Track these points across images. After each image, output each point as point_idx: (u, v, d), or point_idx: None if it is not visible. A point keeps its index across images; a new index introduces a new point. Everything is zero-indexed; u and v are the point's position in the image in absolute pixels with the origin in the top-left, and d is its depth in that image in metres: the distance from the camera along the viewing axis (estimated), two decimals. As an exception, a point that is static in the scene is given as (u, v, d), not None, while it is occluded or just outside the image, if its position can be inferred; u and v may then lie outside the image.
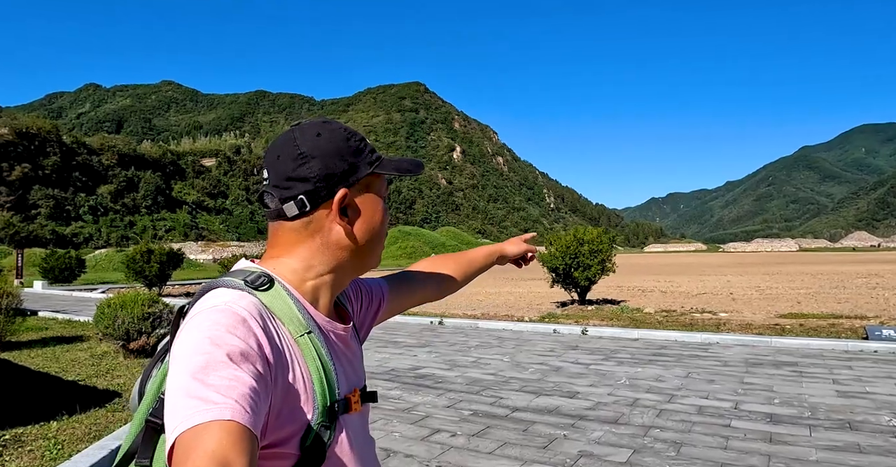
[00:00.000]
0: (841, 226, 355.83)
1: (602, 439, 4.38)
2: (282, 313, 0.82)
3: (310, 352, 0.82)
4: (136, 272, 21.12)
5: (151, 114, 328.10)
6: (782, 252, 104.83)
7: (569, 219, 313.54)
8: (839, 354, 7.77)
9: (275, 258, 0.89)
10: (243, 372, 0.69)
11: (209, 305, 0.77)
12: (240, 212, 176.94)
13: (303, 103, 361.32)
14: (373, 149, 0.93)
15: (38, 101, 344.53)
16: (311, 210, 0.87)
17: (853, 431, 4.47)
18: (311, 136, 0.88)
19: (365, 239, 0.91)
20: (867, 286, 20.72)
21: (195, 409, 0.64)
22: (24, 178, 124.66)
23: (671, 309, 13.79)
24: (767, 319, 11.75)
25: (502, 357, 7.90)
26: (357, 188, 0.89)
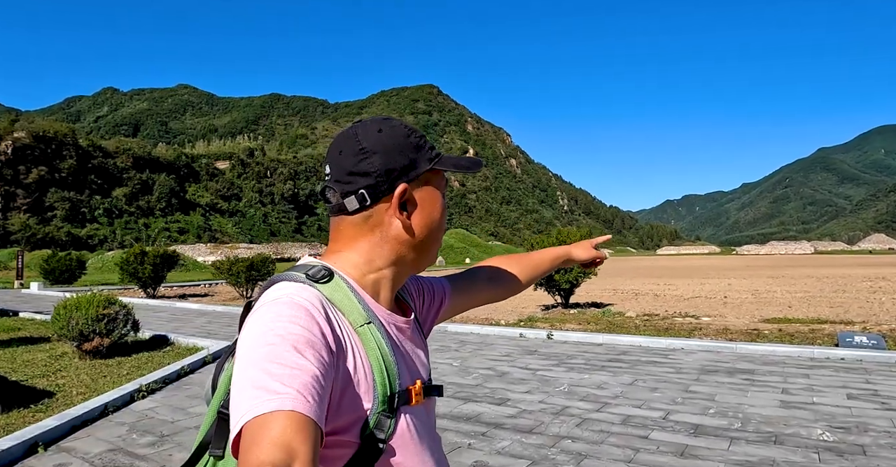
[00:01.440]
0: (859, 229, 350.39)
1: (506, 449, 4.18)
2: (342, 304, 0.83)
3: (370, 342, 0.82)
4: (130, 274, 21.12)
5: (168, 117, 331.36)
6: (796, 255, 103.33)
7: (582, 221, 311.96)
8: (803, 362, 7.49)
9: (336, 252, 0.92)
10: (307, 360, 0.70)
11: (271, 298, 0.79)
12: (253, 214, 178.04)
13: (317, 106, 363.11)
14: (432, 145, 0.93)
15: (57, 105, 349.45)
16: (372, 204, 0.89)
17: (776, 445, 4.23)
18: (372, 132, 0.90)
19: (423, 233, 0.91)
20: (868, 290, 20.25)
21: (259, 399, 0.65)
22: (41, 181, 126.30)
23: (654, 313, 13.50)
24: (748, 324, 11.45)
25: (453, 361, 7.71)
26: (417, 183, 0.90)
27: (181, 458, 4.25)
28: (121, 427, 5.10)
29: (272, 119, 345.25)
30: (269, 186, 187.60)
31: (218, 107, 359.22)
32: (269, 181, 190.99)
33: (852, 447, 4.18)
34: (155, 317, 13.95)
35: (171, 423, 5.18)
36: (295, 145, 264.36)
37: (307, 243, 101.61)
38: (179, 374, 7.17)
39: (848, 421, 4.82)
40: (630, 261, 79.74)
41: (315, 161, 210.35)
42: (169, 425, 5.11)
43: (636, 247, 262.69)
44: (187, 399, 6.07)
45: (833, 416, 4.97)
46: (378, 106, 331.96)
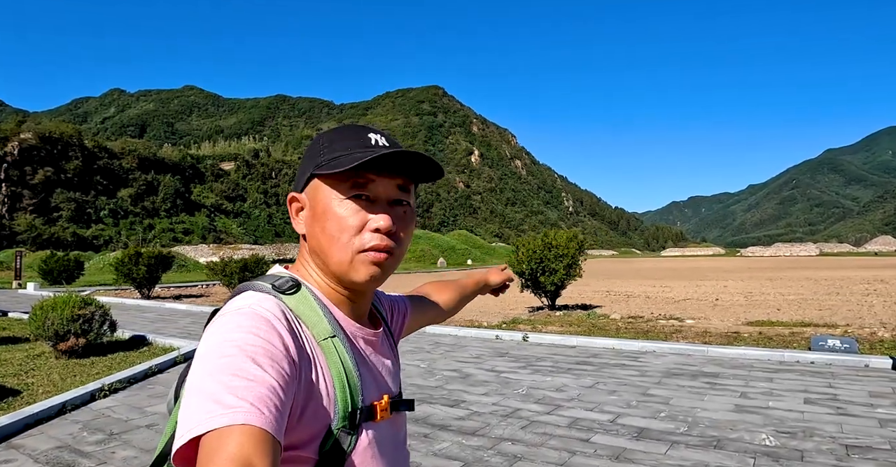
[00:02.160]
0: (867, 230, 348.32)
1: (442, 451, 4.19)
2: (306, 316, 0.82)
3: (332, 356, 0.80)
4: (125, 274, 21.21)
5: (174, 118, 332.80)
6: (800, 257, 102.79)
7: (587, 222, 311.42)
8: (771, 365, 7.45)
9: (298, 262, 0.92)
10: (264, 372, 0.68)
11: (234, 308, 0.77)
12: (258, 215, 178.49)
13: (322, 107, 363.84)
14: (340, 149, 0.85)
15: (64, 107, 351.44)
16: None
17: (714, 450, 4.22)
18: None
19: (311, 242, 0.88)
20: (862, 293, 20.13)
21: (212, 413, 0.63)
22: (47, 182, 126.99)
23: (640, 315, 13.47)
24: (730, 327, 11.40)
25: (421, 363, 7.71)
26: (307, 191, 0.88)
27: (123, 456, 4.29)
28: (74, 425, 5.14)
29: (278, 120, 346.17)
30: (274, 187, 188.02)
31: (224, 108, 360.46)
32: (274, 182, 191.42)
33: (792, 452, 4.16)
34: (141, 317, 14.00)
35: (125, 422, 5.22)
36: (300, 146, 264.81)
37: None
38: (146, 374, 7.21)
39: (796, 427, 4.80)
40: (632, 262, 79.57)
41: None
42: (122, 424, 5.15)
43: (641, 249, 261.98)
44: (148, 398, 6.10)
45: (783, 421, 4.95)
46: (383, 107, 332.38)
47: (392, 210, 0.86)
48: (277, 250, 75.21)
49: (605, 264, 69.67)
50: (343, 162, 0.82)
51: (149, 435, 4.80)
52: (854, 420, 4.98)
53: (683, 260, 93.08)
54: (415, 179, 0.89)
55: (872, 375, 6.81)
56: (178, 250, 63.87)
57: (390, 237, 0.85)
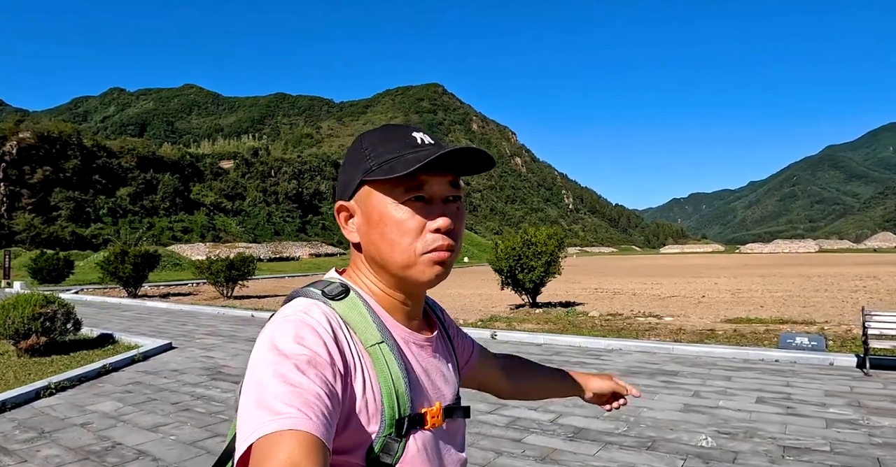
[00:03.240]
0: (867, 227, 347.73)
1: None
2: (355, 323, 0.82)
3: (380, 363, 0.80)
4: (111, 273, 21.11)
5: (174, 117, 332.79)
6: (799, 253, 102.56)
7: (587, 219, 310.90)
8: (735, 363, 7.35)
9: (349, 268, 0.92)
10: (309, 379, 0.69)
11: (282, 315, 0.79)
12: (257, 214, 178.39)
13: (322, 105, 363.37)
14: (387, 152, 0.84)
15: (64, 106, 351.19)
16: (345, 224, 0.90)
17: (647, 451, 4.12)
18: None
19: (369, 248, 0.86)
20: (851, 289, 20.02)
21: (262, 420, 0.65)
22: (46, 181, 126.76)
23: (619, 313, 13.37)
24: (707, 324, 11.30)
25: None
26: (357, 198, 0.86)
27: (46, 454, 4.22)
28: (10, 423, 5.08)
29: (278, 118, 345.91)
30: (274, 185, 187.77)
31: (224, 106, 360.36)
32: (274, 180, 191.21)
33: (726, 453, 4.06)
34: (120, 315, 13.92)
35: (61, 420, 5.15)
36: (300, 144, 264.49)
37: (308, 243, 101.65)
38: (100, 372, 7.13)
39: (739, 427, 4.69)
40: (631, 259, 79.44)
41: (320, 160, 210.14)
42: (57, 422, 5.08)
43: (642, 246, 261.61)
44: (93, 396, 6.01)
45: (727, 421, 4.84)
46: (383, 105, 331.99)
47: (447, 208, 0.85)
48: (274, 249, 75.15)
49: (603, 261, 69.57)
50: (397, 167, 0.80)
51: (78, 434, 4.70)
52: (801, 420, 4.88)
53: (682, 257, 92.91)
54: (464, 173, 0.88)
55: (834, 373, 6.70)
56: (175, 249, 63.85)
57: (448, 235, 0.84)
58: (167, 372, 7.25)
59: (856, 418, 4.91)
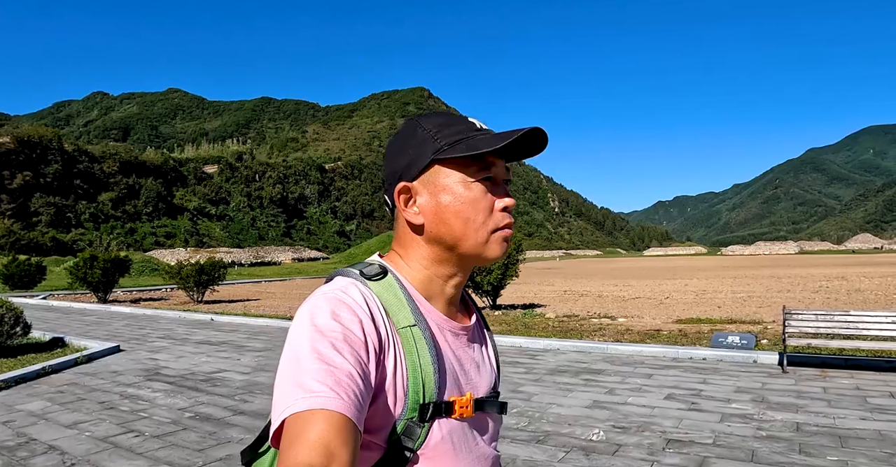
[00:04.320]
0: (848, 229, 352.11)
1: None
2: (389, 303, 0.82)
3: (410, 345, 0.80)
4: (80, 278, 21.04)
5: (158, 121, 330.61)
6: (780, 255, 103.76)
7: (573, 223, 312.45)
8: (664, 362, 7.56)
9: (393, 251, 0.93)
10: (343, 358, 0.70)
11: (321, 293, 0.80)
12: (241, 219, 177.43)
13: (308, 109, 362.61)
14: (454, 133, 0.86)
15: (46, 110, 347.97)
16: (394, 206, 0.89)
17: (535, 444, 4.29)
18: (392, 136, 0.92)
19: (434, 229, 0.87)
20: (813, 290, 20.41)
21: (295, 396, 0.66)
22: (26, 186, 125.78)
23: (576, 314, 13.57)
24: (657, 324, 11.53)
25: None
26: (425, 178, 0.87)
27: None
28: (-68, 424, 5.14)
29: (263, 122, 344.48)
30: (258, 190, 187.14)
31: (209, 110, 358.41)
32: (258, 185, 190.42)
33: (610, 446, 4.23)
34: (80, 320, 13.92)
35: (-17, 420, 5.23)
36: (285, 149, 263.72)
37: (291, 247, 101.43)
38: (39, 374, 7.21)
39: (636, 421, 4.88)
40: (612, 262, 79.91)
41: (305, 164, 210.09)
42: (-23, 423, 5.16)
43: (627, 249, 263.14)
44: (26, 397, 6.10)
45: (627, 416, 5.03)
46: (369, 109, 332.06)
47: (507, 188, 0.90)
48: (255, 253, 74.92)
49: (585, 264, 69.98)
50: (480, 144, 0.83)
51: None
52: (698, 415, 5.07)
53: (664, 259, 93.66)
54: (512, 159, 0.91)
55: (754, 371, 6.92)
56: (155, 254, 63.44)
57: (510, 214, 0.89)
58: (106, 373, 7.33)
59: (752, 413, 5.11)
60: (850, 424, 4.77)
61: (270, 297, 21.64)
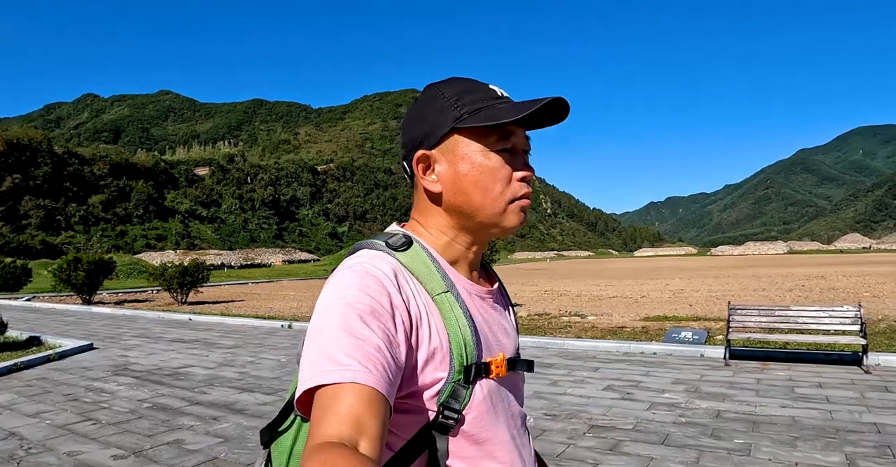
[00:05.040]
0: (839, 229, 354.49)
1: (216, 430, 4.48)
2: (420, 272, 0.83)
3: (447, 311, 0.81)
4: (63, 281, 21.16)
5: (149, 123, 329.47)
6: (769, 255, 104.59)
7: (566, 224, 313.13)
8: (616, 356, 7.86)
9: (413, 220, 0.94)
10: (371, 331, 0.71)
11: (347, 265, 0.81)
12: (233, 221, 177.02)
13: (300, 111, 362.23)
14: (475, 101, 0.86)
15: (36, 112, 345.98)
16: (413, 174, 0.90)
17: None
18: (412, 103, 0.92)
19: (453, 197, 0.87)
20: (788, 288, 20.78)
21: (323, 368, 0.67)
22: (15, 189, 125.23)
23: (548, 313, 13.87)
24: (625, 322, 11.83)
25: (280, 358, 8.03)
26: (444, 147, 0.87)
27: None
28: None
29: (255, 124, 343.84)
30: (250, 192, 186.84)
31: (200, 112, 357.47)
32: (250, 187, 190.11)
33: (535, 431, 4.50)
34: (60, 320, 14.11)
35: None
36: (277, 150, 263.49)
37: (282, 249, 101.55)
38: (10, 369, 7.47)
39: (568, 410, 5.16)
40: (602, 263, 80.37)
41: (297, 166, 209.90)
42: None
43: (619, 250, 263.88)
44: (-4, 393, 6.33)
45: (560, 405, 5.32)
46: (361, 110, 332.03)
47: (526, 158, 0.90)
48: (246, 255, 75.02)
49: (575, 265, 70.39)
50: (500, 114, 0.83)
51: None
52: (629, 404, 5.36)
53: (653, 260, 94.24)
54: (532, 127, 0.92)
55: (698, 364, 7.22)
56: (144, 256, 63.53)
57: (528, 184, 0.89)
58: (76, 369, 7.57)
59: (680, 402, 5.40)
60: (769, 411, 5.06)
61: (255, 298, 21.84)
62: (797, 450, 4.07)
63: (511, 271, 50.45)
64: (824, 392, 5.71)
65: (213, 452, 4.19)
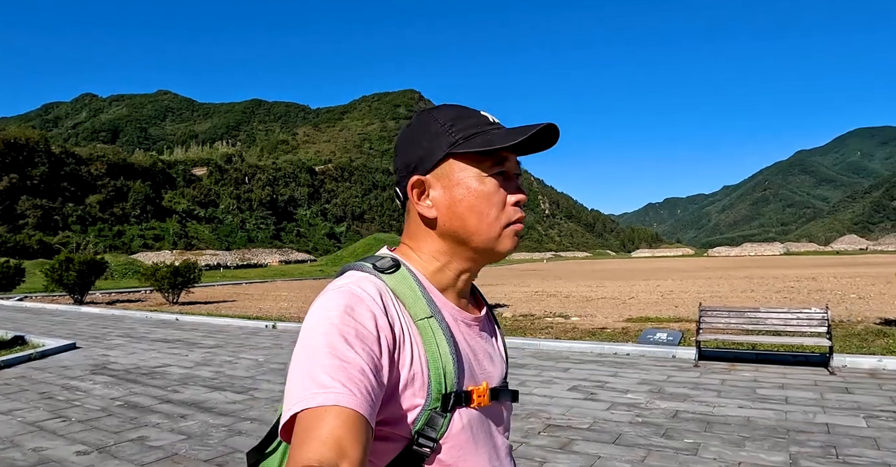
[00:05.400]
0: (836, 230, 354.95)
1: (182, 427, 4.59)
2: (404, 295, 0.83)
3: (429, 337, 0.81)
4: (55, 280, 21.24)
5: (147, 123, 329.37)
6: (765, 256, 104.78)
7: (564, 225, 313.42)
8: (589, 357, 7.96)
9: (403, 245, 0.93)
10: (356, 354, 0.70)
11: (334, 286, 0.81)
12: (230, 221, 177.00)
13: (298, 111, 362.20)
14: (469, 127, 0.87)
15: (34, 112, 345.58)
16: (406, 199, 0.90)
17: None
18: (405, 128, 0.92)
19: (448, 223, 0.87)
20: (776, 290, 20.89)
21: (308, 391, 0.66)
22: (12, 188, 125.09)
23: (533, 314, 13.97)
24: (607, 323, 11.93)
25: (258, 357, 8.14)
26: (439, 172, 0.87)
27: None
28: None
29: (253, 125, 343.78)
30: (248, 192, 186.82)
31: (199, 112, 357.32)
32: (248, 187, 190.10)
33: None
34: (48, 320, 14.21)
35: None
36: (276, 151, 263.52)
37: (279, 249, 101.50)
38: (-8, 368, 7.57)
39: (530, 410, 5.27)
40: (598, 264, 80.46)
41: (295, 167, 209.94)
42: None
43: (617, 251, 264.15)
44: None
45: (524, 405, 5.43)
46: (360, 111, 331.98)
47: (519, 182, 0.91)
48: (242, 256, 75.02)
49: (571, 266, 70.49)
50: (496, 140, 0.84)
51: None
52: (591, 404, 5.47)
53: (649, 261, 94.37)
54: (523, 153, 0.92)
55: (668, 365, 7.34)
56: (140, 256, 63.52)
57: (521, 209, 0.90)
58: (55, 368, 7.67)
59: (641, 402, 5.51)
60: (726, 412, 5.17)
61: (247, 298, 21.91)
62: (744, 450, 4.18)
63: (506, 272, 50.57)
64: (785, 393, 5.82)
65: (175, 448, 4.30)
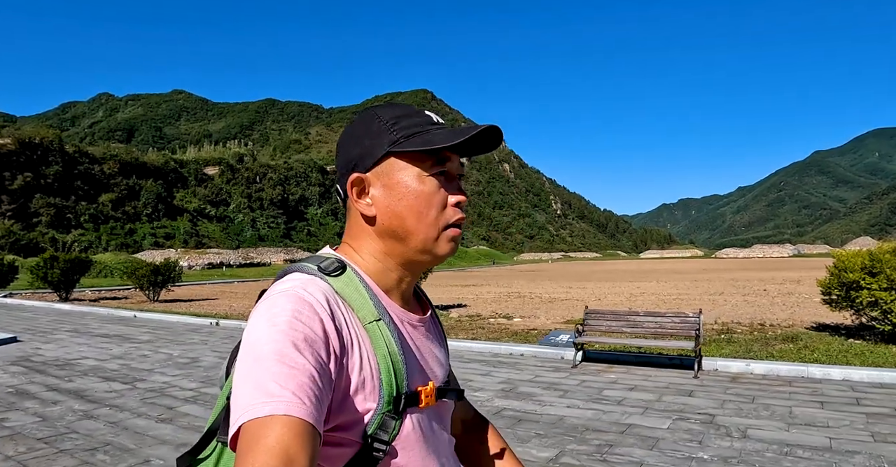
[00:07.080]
0: (853, 231, 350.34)
1: (24, 422, 5.04)
2: (352, 299, 0.81)
3: (378, 340, 0.79)
4: (40, 278, 21.90)
5: (162, 122, 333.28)
6: (773, 258, 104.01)
7: (575, 225, 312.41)
8: (484, 357, 8.35)
9: (345, 244, 0.91)
10: (305, 359, 0.68)
11: (279, 290, 0.77)
12: (241, 220, 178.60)
13: (311, 111, 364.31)
14: (411, 126, 0.86)
15: (52, 111, 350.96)
16: (346, 197, 0.89)
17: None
18: (347, 126, 0.91)
19: (388, 221, 0.86)
20: (755, 293, 20.79)
21: (256, 400, 0.64)
22: (26, 187, 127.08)
23: (479, 314, 14.32)
24: (545, 324, 12.25)
25: (174, 352, 8.60)
26: (379, 170, 0.86)
27: None
28: None
29: (267, 124, 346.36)
30: (259, 191, 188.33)
31: (213, 112, 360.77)
32: (259, 186, 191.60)
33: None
34: (16, 316, 14.79)
35: None
36: (288, 150, 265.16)
37: (285, 248, 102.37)
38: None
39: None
40: (602, 264, 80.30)
41: (306, 166, 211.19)
42: None
43: (629, 251, 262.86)
44: None
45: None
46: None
47: (461, 183, 0.90)
48: (245, 255, 75.85)
49: (575, 266, 70.47)
50: (436, 139, 0.83)
51: None
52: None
53: (654, 262, 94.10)
54: (467, 154, 0.91)
55: (548, 366, 7.69)
56: (143, 255, 64.44)
57: (461, 210, 0.89)
58: (-17, 360, 8.19)
59: (481, 399, 5.88)
60: (549, 411, 5.50)
61: (231, 297, 22.41)
62: (522, 446, 4.48)
63: (504, 272, 50.88)
64: (629, 394, 6.13)
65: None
